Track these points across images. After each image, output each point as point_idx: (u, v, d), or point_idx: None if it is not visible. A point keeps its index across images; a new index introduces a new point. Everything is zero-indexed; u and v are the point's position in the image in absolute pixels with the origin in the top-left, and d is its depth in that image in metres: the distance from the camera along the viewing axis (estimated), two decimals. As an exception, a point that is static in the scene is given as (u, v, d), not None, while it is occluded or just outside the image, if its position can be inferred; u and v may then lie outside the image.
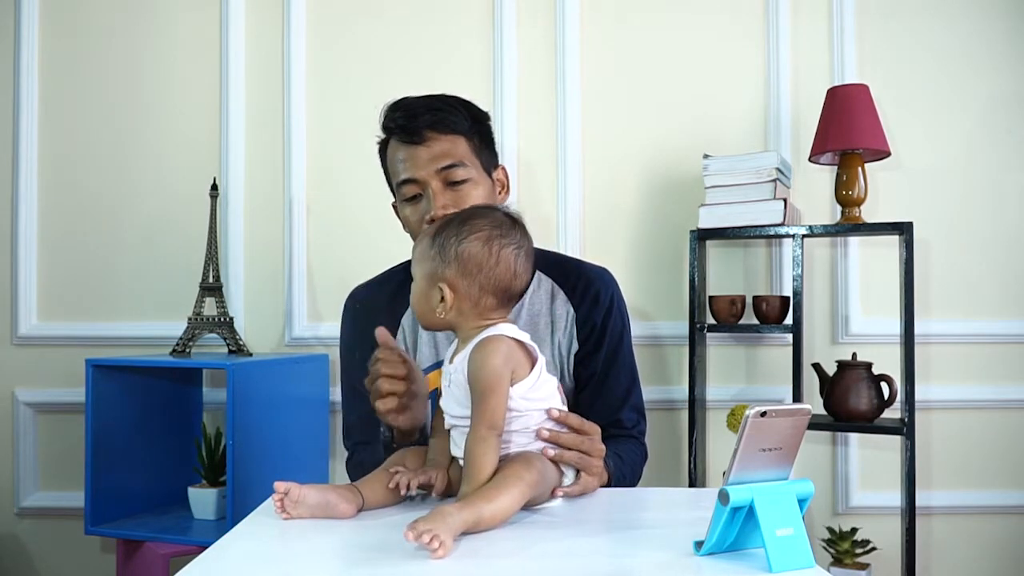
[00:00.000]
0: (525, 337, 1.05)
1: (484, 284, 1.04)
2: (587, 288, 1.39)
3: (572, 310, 1.38)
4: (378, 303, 1.44)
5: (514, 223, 1.08)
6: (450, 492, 1.04)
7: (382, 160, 1.42)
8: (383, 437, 1.25)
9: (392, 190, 1.41)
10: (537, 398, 1.04)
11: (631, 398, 1.39)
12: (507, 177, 1.46)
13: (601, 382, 1.37)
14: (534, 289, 1.39)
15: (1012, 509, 2.18)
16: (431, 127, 1.32)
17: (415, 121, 1.32)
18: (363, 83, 2.29)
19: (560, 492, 1.04)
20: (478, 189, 1.34)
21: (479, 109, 1.41)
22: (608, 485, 1.17)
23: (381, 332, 1.14)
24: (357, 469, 1.35)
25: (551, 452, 1.04)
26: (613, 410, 1.36)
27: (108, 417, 1.98)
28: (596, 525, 0.99)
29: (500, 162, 1.45)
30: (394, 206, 1.44)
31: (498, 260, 1.04)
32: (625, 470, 1.28)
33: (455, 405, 1.03)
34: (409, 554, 0.83)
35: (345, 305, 1.49)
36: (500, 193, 1.43)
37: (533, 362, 1.04)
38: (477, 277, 1.03)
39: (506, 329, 1.03)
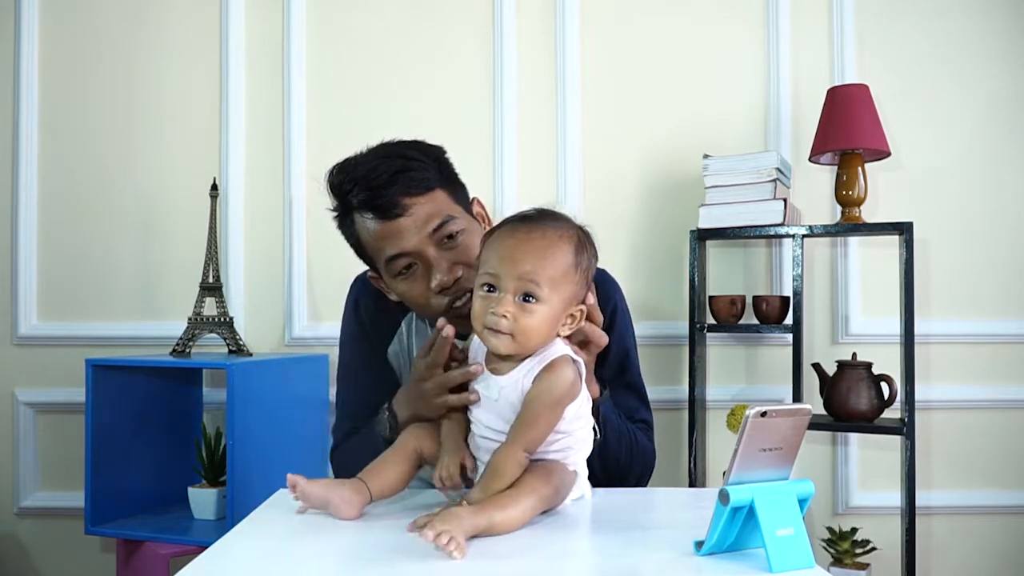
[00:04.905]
0: (572, 352, 1.00)
1: None
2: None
3: None
4: (383, 301, 1.36)
5: None
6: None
7: (346, 233, 1.27)
8: (381, 426, 1.18)
9: (366, 261, 1.29)
10: (578, 416, 1.00)
11: (638, 416, 1.32)
12: (483, 207, 1.34)
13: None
14: None
15: (1012, 509, 2.18)
16: (406, 194, 1.17)
17: (385, 194, 1.17)
18: (363, 83, 2.29)
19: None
20: (473, 236, 1.21)
21: (432, 146, 1.26)
22: (595, 410, 1.10)
23: (448, 329, 1.07)
24: (342, 469, 1.30)
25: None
26: None
27: (108, 417, 1.98)
28: (596, 525, 0.98)
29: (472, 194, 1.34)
30: (371, 277, 1.31)
31: None
32: (621, 427, 1.21)
33: (498, 419, 0.98)
34: (410, 554, 0.83)
35: (350, 291, 1.42)
36: (484, 226, 1.30)
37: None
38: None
39: (565, 348, 0.99)
